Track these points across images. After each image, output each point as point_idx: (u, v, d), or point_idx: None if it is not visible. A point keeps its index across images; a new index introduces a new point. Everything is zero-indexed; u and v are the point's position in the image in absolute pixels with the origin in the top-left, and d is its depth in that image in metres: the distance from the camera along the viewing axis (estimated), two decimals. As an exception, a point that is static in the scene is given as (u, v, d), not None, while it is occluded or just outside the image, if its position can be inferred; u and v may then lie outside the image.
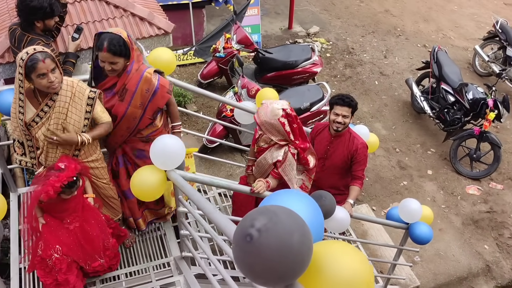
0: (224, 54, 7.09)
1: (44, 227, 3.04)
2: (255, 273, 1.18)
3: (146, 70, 3.15)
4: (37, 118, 2.92)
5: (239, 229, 1.18)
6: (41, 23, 3.18)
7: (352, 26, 9.90)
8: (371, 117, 7.65)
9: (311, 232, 1.25)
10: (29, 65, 2.70)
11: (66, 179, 2.82)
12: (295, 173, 3.58)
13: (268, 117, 3.35)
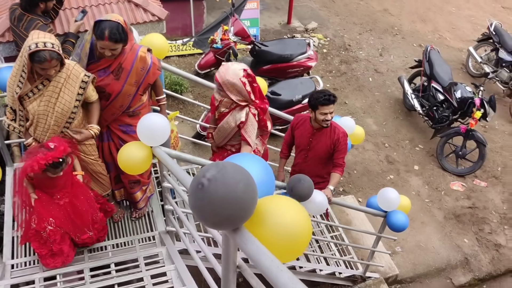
0: (221, 45, 7.28)
1: (37, 201, 3.21)
2: (206, 217, 1.39)
3: (140, 49, 3.31)
4: (30, 93, 3.10)
5: (194, 179, 1.38)
6: (44, 4, 3.37)
7: (350, 23, 10.07)
8: (363, 113, 7.84)
9: (260, 187, 1.45)
10: (36, 59, 2.87)
11: (51, 159, 2.96)
12: (255, 134, 3.75)
13: (230, 76, 3.52)
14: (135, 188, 3.84)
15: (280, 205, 1.50)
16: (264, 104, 3.80)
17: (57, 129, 3.23)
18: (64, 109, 3.17)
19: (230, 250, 1.57)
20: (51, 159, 2.96)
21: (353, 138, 5.03)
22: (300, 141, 4.30)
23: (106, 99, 3.38)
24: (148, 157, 3.00)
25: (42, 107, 3.14)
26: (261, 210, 1.46)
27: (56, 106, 3.15)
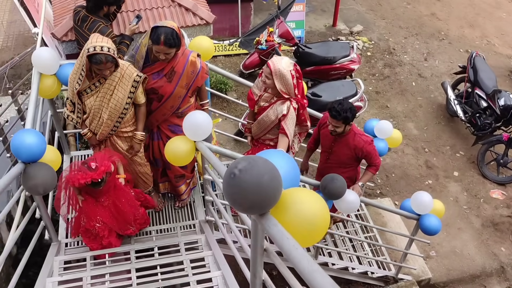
0: (266, 46, 7.51)
1: (84, 203, 3.48)
2: (236, 202, 1.61)
3: (191, 54, 3.57)
4: (88, 89, 3.43)
5: (227, 169, 1.60)
6: (107, 8, 3.69)
7: (396, 27, 10.07)
8: (404, 117, 7.87)
9: (285, 180, 1.66)
10: (93, 61, 3.19)
11: (91, 179, 3.21)
12: (293, 128, 3.93)
13: (282, 67, 3.73)
14: (180, 181, 4.12)
15: (302, 196, 1.70)
16: (304, 101, 3.99)
17: (110, 123, 3.53)
18: (117, 105, 3.46)
19: (258, 233, 1.79)
20: (90, 180, 3.21)
21: (390, 141, 5.13)
22: (323, 142, 4.39)
23: (159, 100, 3.65)
24: (191, 150, 3.26)
25: (98, 102, 3.45)
26: (286, 199, 1.67)
27: (110, 102, 3.45)
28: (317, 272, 1.27)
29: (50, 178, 2.95)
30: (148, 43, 3.45)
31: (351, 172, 4.42)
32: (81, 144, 6.23)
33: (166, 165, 4.02)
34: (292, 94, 3.88)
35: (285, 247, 1.46)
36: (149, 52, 3.53)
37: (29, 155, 2.89)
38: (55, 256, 3.52)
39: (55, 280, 3.23)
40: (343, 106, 3.89)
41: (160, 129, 3.87)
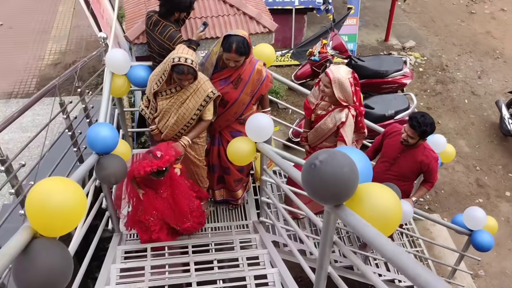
0: (319, 58, 7.62)
1: (144, 195, 3.61)
2: (315, 192, 1.71)
3: (257, 62, 3.71)
4: (164, 92, 3.64)
5: (308, 160, 1.72)
6: (178, 14, 3.89)
7: (450, 44, 9.97)
8: (455, 134, 7.78)
9: (360, 174, 1.75)
10: (176, 70, 3.37)
11: (156, 167, 3.31)
12: (352, 135, 3.99)
13: (341, 75, 3.81)
14: (238, 186, 4.25)
15: (377, 190, 1.79)
16: (362, 109, 4.06)
17: (176, 128, 3.72)
18: (186, 114, 3.63)
19: (330, 224, 1.89)
20: (155, 168, 3.32)
21: (443, 156, 5.10)
22: (387, 151, 4.30)
23: (224, 106, 3.80)
24: (252, 150, 3.40)
25: (169, 106, 3.65)
26: (361, 193, 1.76)
27: (180, 109, 3.63)
28: (403, 254, 1.35)
29: (122, 168, 3.15)
30: (219, 50, 3.60)
31: (408, 186, 4.36)
32: (137, 144, 6.50)
33: (224, 171, 4.16)
34: (350, 101, 3.94)
35: (368, 233, 1.54)
36: (218, 59, 3.69)
37: (103, 147, 3.10)
38: (117, 246, 3.71)
39: (119, 267, 3.41)
40: (425, 119, 3.85)
41: (221, 135, 4.01)
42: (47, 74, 8.36)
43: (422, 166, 4.13)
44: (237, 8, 4.36)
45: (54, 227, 1.72)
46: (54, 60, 8.73)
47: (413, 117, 3.90)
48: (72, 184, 1.78)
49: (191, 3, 3.88)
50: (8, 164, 3.03)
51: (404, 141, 4.01)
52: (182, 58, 3.33)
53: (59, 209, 1.71)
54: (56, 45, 9.16)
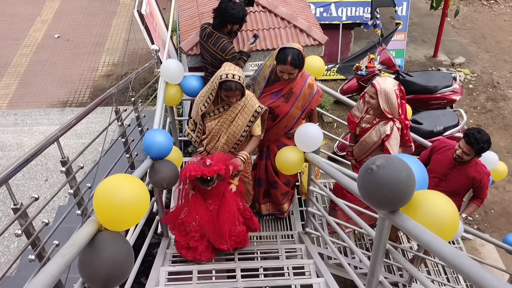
0: (366, 72, 7.59)
1: (193, 197, 3.58)
2: (371, 197, 1.73)
3: (309, 77, 3.74)
4: (211, 113, 3.64)
5: (364, 165, 1.74)
6: (231, 26, 4.01)
7: (501, 61, 9.72)
8: (506, 152, 7.54)
9: (417, 180, 1.75)
10: (223, 87, 3.39)
11: (200, 174, 3.29)
12: (398, 149, 3.90)
13: (388, 86, 3.77)
14: (284, 199, 4.28)
15: (433, 198, 1.78)
16: (408, 121, 3.99)
17: (226, 148, 3.71)
18: (236, 131, 3.63)
19: (384, 231, 1.89)
20: (200, 174, 3.29)
21: (494, 174, 4.97)
22: (436, 167, 4.18)
23: (273, 119, 3.83)
24: (301, 160, 3.43)
25: (218, 126, 3.66)
26: (417, 199, 1.76)
27: (230, 128, 3.64)
28: (463, 257, 1.34)
29: (174, 174, 3.26)
30: (272, 64, 3.64)
31: (458, 202, 4.21)
32: (184, 153, 6.66)
33: (271, 185, 4.18)
34: (395, 114, 3.88)
35: (425, 238, 1.55)
36: (271, 73, 3.72)
37: (158, 152, 3.22)
38: (166, 249, 3.81)
39: (167, 270, 3.50)
40: (482, 136, 3.77)
41: (269, 149, 4.04)
42: (100, 84, 8.71)
43: (474, 182, 4.02)
44: (288, 21, 4.44)
45: (118, 221, 1.81)
46: (107, 72, 9.09)
47: (469, 133, 3.80)
48: (137, 181, 1.87)
49: (243, 16, 3.99)
50: (69, 165, 3.19)
51: (458, 157, 3.91)
52: (230, 75, 3.36)
53: (124, 204, 1.80)
54: (110, 57, 9.53)
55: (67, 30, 10.33)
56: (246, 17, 4.05)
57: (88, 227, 1.76)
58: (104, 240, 1.76)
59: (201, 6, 4.73)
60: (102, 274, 1.72)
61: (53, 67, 9.14)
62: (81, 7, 11.24)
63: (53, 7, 11.23)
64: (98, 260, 1.72)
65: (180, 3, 4.98)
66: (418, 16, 11.03)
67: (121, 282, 1.81)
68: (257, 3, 4.44)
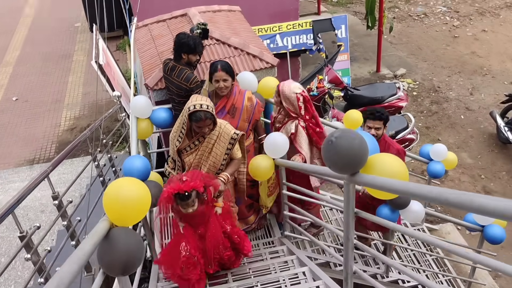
0: (317, 92, 8.13)
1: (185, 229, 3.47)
2: (334, 163, 2.11)
3: (246, 91, 4.17)
4: (188, 148, 3.69)
5: (326, 138, 2.12)
6: (186, 56, 4.37)
7: (439, 67, 10.54)
8: (457, 148, 8.16)
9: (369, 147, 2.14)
10: (193, 118, 3.42)
11: (177, 190, 3.16)
12: (307, 147, 4.12)
13: (288, 90, 4.04)
14: (250, 211, 4.58)
15: (385, 158, 2.17)
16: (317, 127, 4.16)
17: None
18: (216, 162, 3.69)
19: (350, 194, 2.26)
20: (177, 190, 3.17)
21: (446, 163, 5.48)
22: None
23: None
24: (271, 166, 3.79)
25: (197, 160, 3.69)
26: (371, 161, 2.15)
27: (209, 159, 3.69)
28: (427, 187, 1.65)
29: (159, 191, 3.50)
30: (208, 87, 4.05)
31: None
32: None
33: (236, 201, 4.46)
34: (298, 114, 4.12)
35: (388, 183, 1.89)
36: (210, 95, 4.10)
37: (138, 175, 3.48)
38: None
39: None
40: (374, 109, 4.20)
41: None
42: (65, 138, 8.88)
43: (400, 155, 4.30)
44: (240, 49, 4.88)
45: (126, 218, 2.10)
46: (70, 126, 9.29)
47: (369, 113, 4.19)
48: (139, 182, 2.18)
49: (195, 45, 4.32)
50: (60, 199, 3.43)
51: (376, 136, 4.15)
52: (197, 105, 3.40)
53: (129, 203, 2.10)
54: (70, 111, 9.75)
55: (25, 92, 10.51)
56: (199, 47, 4.37)
57: (102, 224, 2.04)
58: (117, 234, 2.04)
59: (159, 46, 5.12)
60: (120, 262, 1.99)
61: (15, 129, 9.27)
62: (34, 68, 11.47)
63: (7, 72, 11.41)
64: (115, 250, 1.99)
65: (139, 47, 5.36)
66: (357, 38, 11.84)
67: (136, 269, 2.08)
68: (211, 37, 4.87)
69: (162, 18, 5.63)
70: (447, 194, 1.37)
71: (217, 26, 5.21)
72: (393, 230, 4.43)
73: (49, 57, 12.08)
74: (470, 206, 1.26)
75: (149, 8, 6.99)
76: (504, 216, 1.19)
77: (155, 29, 5.50)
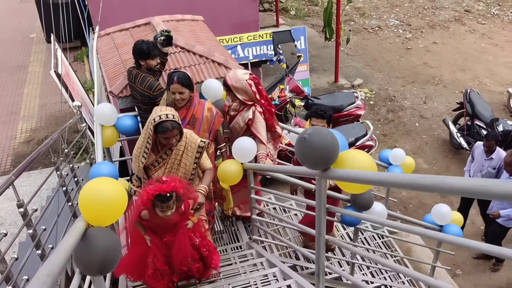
0: (279, 102, 8.28)
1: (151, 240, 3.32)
2: (307, 158, 2.19)
3: (206, 102, 4.12)
4: (155, 163, 3.48)
5: (299, 135, 2.20)
6: (144, 62, 4.37)
7: (393, 77, 10.95)
8: (413, 154, 8.47)
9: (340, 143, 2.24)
10: (160, 129, 3.23)
11: (159, 191, 3.01)
12: (264, 132, 4.22)
13: (237, 79, 4.10)
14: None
15: (355, 154, 2.27)
16: (271, 107, 4.31)
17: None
18: (186, 173, 3.53)
19: (322, 190, 2.34)
20: (158, 191, 3.02)
21: (404, 167, 5.71)
22: None
23: None
24: (240, 170, 3.84)
25: (166, 174, 3.46)
26: (342, 157, 2.24)
27: (179, 171, 3.52)
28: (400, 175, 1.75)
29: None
30: (167, 97, 4.02)
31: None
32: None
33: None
34: (255, 100, 4.19)
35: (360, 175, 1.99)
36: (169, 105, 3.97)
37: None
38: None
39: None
40: (318, 107, 4.22)
41: None
42: (21, 151, 8.63)
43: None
44: (206, 57, 4.94)
45: (102, 218, 2.10)
46: (26, 138, 9.03)
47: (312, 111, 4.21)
48: (115, 182, 2.18)
49: (148, 50, 4.32)
50: (25, 207, 3.36)
51: None
52: (163, 115, 3.23)
53: (105, 203, 2.10)
54: (26, 123, 9.49)
55: (-24, 104, 10.15)
56: (154, 51, 4.35)
57: (79, 225, 2.03)
58: (94, 233, 2.03)
59: (123, 54, 5.11)
60: (97, 261, 1.98)
61: (-32, 141, 8.93)
62: (-13, 80, 11.12)
63: (-43, 84, 11.00)
64: (91, 250, 1.98)
65: (102, 55, 5.32)
66: (315, 49, 12.14)
67: (113, 268, 2.07)
68: (176, 45, 4.90)
69: (125, 26, 5.62)
70: (419, 179, 1.47)
71: (181, 34, 5.26)
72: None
73: (3, 68, 11.74)
74: (442, 187, 1.36)
75: (109, 17, 6.95)
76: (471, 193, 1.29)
77: (118, 38, 5.48)
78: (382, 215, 4.52)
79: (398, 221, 6.53)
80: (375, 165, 2.29)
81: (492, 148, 5.91)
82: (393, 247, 6.16)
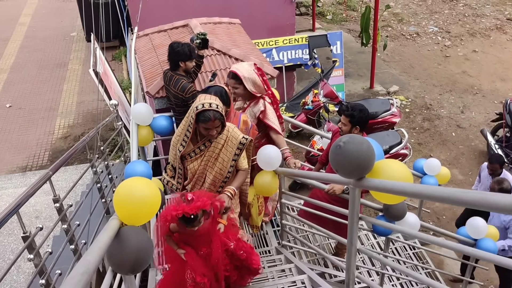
0: (312, 106, 8.25)
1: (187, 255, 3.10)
2: (342, 167, 2.16)
3: (242, 115, 3.98)
4: (192, 153, 3.33)
5: (334, 143, 2.17)
6: (184, 64, 4.43)
7: (430, 85, 10.73)
8: (448, 164, 8.27)
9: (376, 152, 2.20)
10: (201, 118, 3.07)
11: (182, 212, 2.82)
12: (277, 121, 4.13)
13: (247, 70, 3.96)
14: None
15: (391, 163, 2.23)
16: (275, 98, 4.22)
17: (213, 188, 3.39)
18: (222, 169, 3.34)
19: (355, 199, 2.31)
20: (181, 213, 2.83)
21: (439, 178, 5.58)
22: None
23: None
24: (275, 178, 3.80)
25: (202, 167, 3.35)
26: (377, 167, 2.21)
27: (215, 166, 3.34)
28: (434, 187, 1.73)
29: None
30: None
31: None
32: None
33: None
34: (263, 91, 4.08)
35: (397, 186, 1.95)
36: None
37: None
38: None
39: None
40: (354, 105, 4.08)
41: None
42: (59, 146, 8.85)
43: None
44: (241, 60, 4.96)
45: (136, 217, 2.13)
46: (64, 134, 9.27)
47: (343, 106, 4.14)
48: (149, 182, 2.21)
49: (190, 52, 4.40)
50: (61, 202, 3.44)
51: (340, 131, 4.13)
52: (206, 104, 3.06)
53: (139, 203, 2.13)
54: (64, 120, 9.74)
55: (19, 99, 10.48)
56: (194, 53, 4.42)
57: (112, 224, 2.06)
58: (127, 232, 2.06)
59: (160, 55, 5.19)
60: (129, 260, 2.01)
61: (8, 135, 9.22)
62: (29, 76, 11.46)
63: (1, 79, 11.38)
64: (124, 249, 2.01)
65: (140, 55, 5.42)
66: (351, 54, 12.03)
67: (145, 267, 2.10)
68: (212, 47, 4.95)
69: (163, 28, 5.71)
70: (460, 194, 1.43)
71: (218, 37, 5.30)
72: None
73: (44, 65, 12.09)
74: (485, 204, 1.31)
75: (148, 18, 7.08)
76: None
77: (156, 39, 5.57)
78: (414, 226, 4.42)
79: (431, 233, 6.43)
80: (412, 176, 2.24)
81: (497, 171, 5.63)
82: (425, 259, 6.03)
